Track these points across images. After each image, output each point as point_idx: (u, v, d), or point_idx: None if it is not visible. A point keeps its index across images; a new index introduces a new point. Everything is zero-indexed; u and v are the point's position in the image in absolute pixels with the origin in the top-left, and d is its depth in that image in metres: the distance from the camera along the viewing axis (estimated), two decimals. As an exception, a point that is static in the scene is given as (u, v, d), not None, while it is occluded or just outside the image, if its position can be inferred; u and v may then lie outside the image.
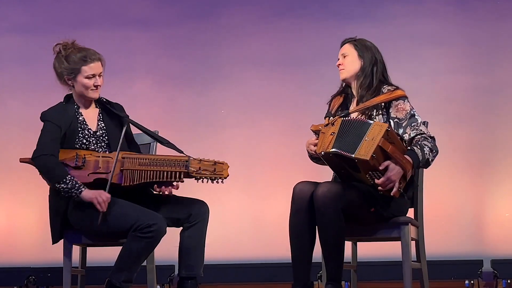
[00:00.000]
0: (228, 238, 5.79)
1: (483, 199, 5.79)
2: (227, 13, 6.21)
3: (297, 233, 3.52)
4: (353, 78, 3.75)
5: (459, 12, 5.98)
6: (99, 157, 3.71)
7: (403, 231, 3.62)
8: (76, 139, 3.75)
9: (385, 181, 3.43)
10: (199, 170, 3.68)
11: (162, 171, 3.65)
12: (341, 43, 3.82)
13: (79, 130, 3.77)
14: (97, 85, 3.78)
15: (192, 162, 3.69)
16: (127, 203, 3.67)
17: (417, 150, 3.53)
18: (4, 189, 6.08)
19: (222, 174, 3.71)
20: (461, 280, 5.52)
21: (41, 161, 3.65)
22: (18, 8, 6.29)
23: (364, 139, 3.42)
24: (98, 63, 3.79)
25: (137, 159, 3.69)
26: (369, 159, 3.36)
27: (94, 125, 3.83)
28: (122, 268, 3.59)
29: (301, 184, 3.57)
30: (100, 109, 3.88)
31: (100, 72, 3.80)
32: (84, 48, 3.83)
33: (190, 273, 3.73)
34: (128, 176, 3.67)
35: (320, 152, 3.50)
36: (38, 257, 5.89)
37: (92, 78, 3.76)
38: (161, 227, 3.57)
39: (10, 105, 6.18)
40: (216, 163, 3.73)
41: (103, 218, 3.58)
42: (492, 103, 5.88)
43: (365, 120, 3.53)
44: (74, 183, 3.60)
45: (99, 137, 3.80)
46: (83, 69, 3.76)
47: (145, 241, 3.55)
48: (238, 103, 6.09)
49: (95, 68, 3.77)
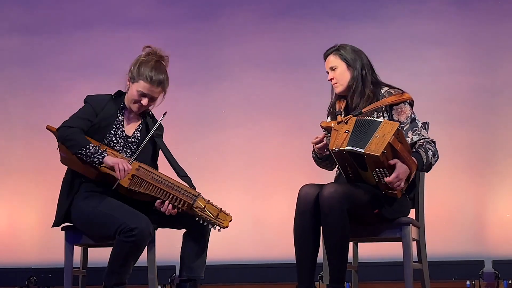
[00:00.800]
0: (230, 238, 5.77)
1: (484, 199, 5.79)
2: (228, 14, 6.21)
3: (302, 236, 3.51)
4: (347, 89, 3.72)
5: (460, 13, 5.98)
6: (117, 157, 3.71)
7: (404, 232, 3.61)
8: (107, 134, 3.74)
9: (394, 179, 3.42)
10: (203, 209, 3.67)
11: (169, 193, 3.65)
12: (324, 55, 3.77)
13: (113, 127, 3.76)
14: (142, 105, 3.76)
15: (200, 199, 3.69)
16: (119, 205, 3.65)
17: (422, 152, 3.53)
18: (6, 190, 6.08)
19: (222, 223, 3.70)
20: (462, 280, 5.52)
21: (65, 131, 3.63)
22: (19, 9, 6.29)
23: (374, 135, 3.41)
24: (157, 89, 3.75)
25: (151, 173, 3.69)
26: (379, 155, 3.36)
27: (131, 131, 3.82)
28: (113, 271, 3.59)
29: (306, 187, 3.55)
30: (143, 120, 3.88)
31: (154, 97, 3.76)
32: (160, 69, 3.78)
33: (190, 275, 3.72)
34: (137, 182, 3.66)
35: (334, 148, 3.47)
36: (39, 257, 5.90)
37: (142, 96, 3.75)
38: (143, 231, 3.54)
39: (11, 106, 6.18)
40: (221, 211, 3.72)
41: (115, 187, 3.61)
42: (492, 103, 5.88)
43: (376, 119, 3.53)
44: (97, 148, 3.60)
45: (129, 143, 3.79)
46: (140, 83, 3.73)
47: (128, 246, 3.54)
48: (239, 104, 6.09)
49: (151, 90, 3.74)
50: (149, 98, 3.75)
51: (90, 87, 5.77)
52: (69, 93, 5.93)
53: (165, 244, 4.01)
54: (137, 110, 3.80)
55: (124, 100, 3.84)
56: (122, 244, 3.54)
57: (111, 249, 3.66)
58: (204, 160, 6.00)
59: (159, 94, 3.79)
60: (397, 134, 3.41)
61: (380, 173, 3.46)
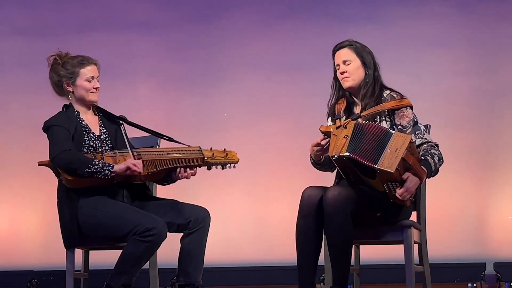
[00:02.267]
0: (231, 241, 5.78)
1: (486, 201, 5.78)
2: (229, 16, 6.21)
3: (304, 238, 3.50)
4: (357, 86, 3.69)
5: (461, 14, 5.97)
6: (115, 154, 3.75)
7: (405, 234, 3.61)
8: (84, 142, 3.76)
9: (404, 192, 3.42)
10: (213, 156, 3.77)
11: (180, 158, 3.74)
12: (335, 48, 3.72)
13: (84, 134, 3.79)
14: (96, 87, 3.85)
15: (204, 150, 3.79)
16: (128, 206, 3.68)
17: (430, 159, 3.53)
18: (7, 192, 6.08)
19: (234, 159, 3.82)
20: (464, 283, 5.52)
21: (61, 158, 3.63)
22: (20, 11, 6.29)
23: (387, 149, 3.37)
24: (95, 66, 3.86)
25: (153, 152, 3.77)
26: (393, 171, 3.34)
27: (97, 130, 3.86)
28: (122, 272, 3.59)
29: (310, 189, 3.54)
30: (99, 116, 3.93)
31: (98, 75, 3.87)
32: (78, 55, 3.89)
33: (188, 280, 3.72)
34: (149, 165, 3.71)
35: (333, 155, 3.45)
36: (40, 260, 5.89)
37: (91, 81, 3.83)
38: (161, 231, 3.57)
39: (12, 108, 6.18)
40: (225, 151, 3.84)
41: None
42: (494, 105, 5.87)
43: (385, 129, 3.48)
44: (103, 162, 3.65)
45: (103, 141, 3.83)
46: (82, 72, 3.82)
47: (144, 245, 3.55)
48: (240, 106, 6.09)
49: (93, 70, 3.84)
50: (96, 78, 3.85)
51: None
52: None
53: (166, 246, 4.00)
54: (96, 97, 3.86)
55: (75, 108, 3.87)
56: (138, 243, 3.55)
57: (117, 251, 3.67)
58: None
59: (98, 70, 3.87)
60: (409, 147, 3.40)
61: (392, 186, 3.45)
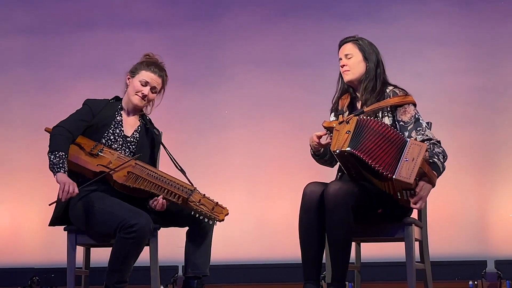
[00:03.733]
0: (232, 238, 5.78)
1: (487, 199, 5.78)
2: (230, 14, 6.21)
3: (307, 233, 3.51)
4: (358, 81, 3.71)
5: (462, 13, 5.97)
6: (114, 155, 3.76)
7: (407, 232, 3.61)
8: (105, 134, 3.79)
9: (418, 200, 3.44)
10: (198, 202, 3.70)
11: (164, 188, 3.70)
12: (340, 42, 3.76)
13: (111, 127, 3.81)
14: (144, 95, 3.82)
15: (195, 193, 3.72)
16: (116, 202, 3.67)
17: (438, 162, 3.53)
18: (8, 190, 6.08)
19: (218, 216, 3.71)
20: (465, 280, 5.52)
21: (54, 129, 3.73)
22: (21, 9, 6.29)
23: (403, 159, 3.37)
24: (157, 77, 3.84)
25: (147, 170, 3.74)
26: (412, 182, 3.34)
27: (129, 131, 3.88)
28: (113, 270, 3.60)
29: (311, 185, 3.55)
30: (142, 123, 3.93)
31: (155, 86, 3.84)
32: (160, 65, 3.89)
33: (196, 272, 3.73)
34: (132, 178, 3.69)
35: (335, 150, 3.46)
36: (42, 257, 5.90)
37: (144, 86, 3.81)
38: (143, 227, 3.55)
39: (14, 106, 6.18)
40: (217, 205, 3.75)
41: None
42: (495, 103, 5.88)
43: (400, 136, 3.46)
44: (60, 160, 3.63)
45: (128, 143, 3.84)
46: (141, 73, 3.84)
47: (129, 242, 3.55)
48: (241, 104, 6.10)
49: (152, 79, 3.83)
50: (150, 87, 3.82)
51: (93, 87, 5.80)
52: (71, 93, 5.93)
53: (167, 244, 4.01)
54: (139, 103, 3.84)
55: (122, 103, 3.90)
56: (123, 240, 3.55)
57: (112, 248, 3.67)
58: (207, 161, 5.99)
59: (159, 87, 3.86)
60: (425, 156, 3.40)
61: (406, 194, 3.46)
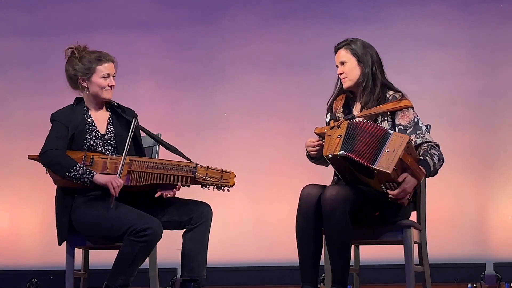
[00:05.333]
0: (231, 240, 5.78)
1: (486, 202, 5.78)
2: (229, 16, 6.21)
3: (304, 236, 3.50)
4: (356, 85, 3.70)
5: (462, 15, 5.97)
6: (107, 159, 3.73)
7: (405, 234, 3.61)
8: (84, 140, 3.77)
9: (400, 193, 3.42)
10: (206, 176, 3.70)
11: (169, 175, 3.68)
12: (334, 49, 3.74)
13: (87, 131, 3.79)
14: (111, 85, 3.84)
15: (199, 168, 3.72)
16: (125, 206, 3.68)
17: (429, 160, 3.52)
18: (8, 192, 6.08)
19: (229, 182, 3.73)
20: (464, 283, 5.51)
21: (47, 156, 3.68)
22: (21, 11, 6.30)
23: (384, 150, 3.37)
24: (112, 64, 3.85)
25: (145, 163, 3.72)
26: (391, 172, 3.34)
27: (103, 128, 3.85)
28: (118, 272, 3.59)
29: (308, 188, 3.55)
30: (111, 112, 3.91)
31: (114, 72, 3.85)
32: (97, 50, 3.88)
33: (192, 275, 3.73)
34: (135, 178, 3.69)
35: (327, 154, 3.46)
36: (40, 259, 5.90)
37: (107, 78, 3.82)
38: (155, 231, 3.57)
39: (13, 107, 6.19)
40: (223, 171, 3.75)
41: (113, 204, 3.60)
42: (495, 105, 5.88)
43: (382, 128, 3.47)
44: (85, 168, 3.63)
45: (107, 140, 3.82)
46: (98, 69, 3.81)
47: (139, 245, 3.55)
48: (240, 105, 6.10)
49: (109, 68, 3.83)
50: (112, 76, 3.83)
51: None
52: (71, 95, 5.91)
53: (166, 246, 4.00)
54: (111, 95, 3.85)
55: (85, 104, 3.88)
56: (133, 244, 3.55)
57: (117, 250, 3.66)
58: (206, 162, 5.97)
59: (115, 67, 3.86)
60: (407, 148, 3.40)
61: (389, 186, 3.45)
